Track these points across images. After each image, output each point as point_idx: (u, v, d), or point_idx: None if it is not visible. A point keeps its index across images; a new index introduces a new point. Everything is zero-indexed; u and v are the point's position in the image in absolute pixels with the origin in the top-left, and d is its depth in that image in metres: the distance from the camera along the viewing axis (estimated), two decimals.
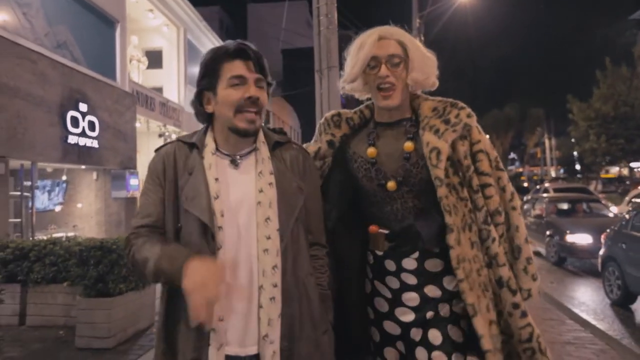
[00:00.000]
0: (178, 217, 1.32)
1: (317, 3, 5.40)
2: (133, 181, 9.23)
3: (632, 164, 26.64)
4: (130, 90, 9.73)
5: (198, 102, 1.38)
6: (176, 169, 1.34)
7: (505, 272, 1.43)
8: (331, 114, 1.65)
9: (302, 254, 1.40)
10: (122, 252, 4.33)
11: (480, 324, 1.36)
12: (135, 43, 11.55)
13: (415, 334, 1.44)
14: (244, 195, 1.34)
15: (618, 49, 23.85)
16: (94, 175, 9.03)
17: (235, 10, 38.14)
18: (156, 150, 1.42)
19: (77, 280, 4.33)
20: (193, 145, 1.37)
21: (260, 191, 1.34)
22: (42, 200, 7.65)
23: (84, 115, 7.64)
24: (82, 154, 7.71)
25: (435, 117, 1.48)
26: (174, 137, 12.32)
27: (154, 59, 12.87)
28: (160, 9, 11.81)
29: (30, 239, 6.13)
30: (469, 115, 1.48)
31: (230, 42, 1.36)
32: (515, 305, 1.42)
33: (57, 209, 8.38)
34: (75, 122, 7.42)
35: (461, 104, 1.52)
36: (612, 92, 20.52)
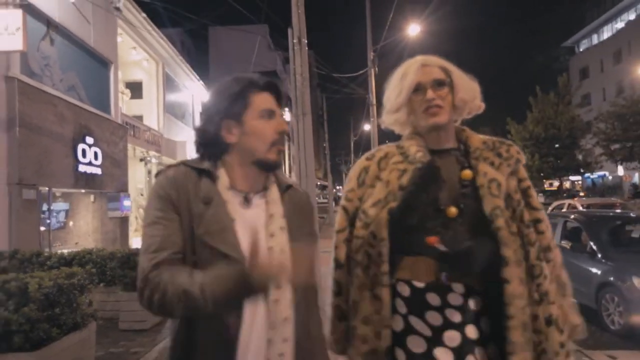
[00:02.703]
0: (192, 250, 1.19)
1: (293, 64, 7.03)
2: (126, 202, 10.48)
3: (572, 177, 29.71)
4: (121, 121, 11.02)
5: (215, 130, 1.26)
6: (188, 196, 1.22)
7: (555, 310, 1.40)
8: (385, 152, 1.57)
9: (316, 306, 1.33)
10: None
11: None
12: (120, 77, 12.82)
13: None
14: (253, 239, 1.23)
15: (553, 74, 26.79)
16: (92, 197, 10.22)
17: (197, 33, 39.18)
18: (157, 175, 1.29)
19: (118, 279, 5.68)
20: (204, 172, 1.25)
21: (272, 235, 1.26)
22: (52, 222, 8.82)
23: (90, 146, 8.93)
24: (88, 180, 8.98)
25: (487, 150, 1.48)
26: (154, 161, 13.62)
27: (135, 89, 14.14)
28: (142, 46, 13.17)
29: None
30: (518, 152, 1.50)
31: (254, 75, 1.31)
32: (562, 345, 1.40)
33: (60, 227, 9.54)
34: (84, 153, 8.71)
35: (509, 141, 1.54)
36: (542, 115, 23.29)
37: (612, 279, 5.46)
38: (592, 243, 5.96)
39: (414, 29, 16.96)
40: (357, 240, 1.47)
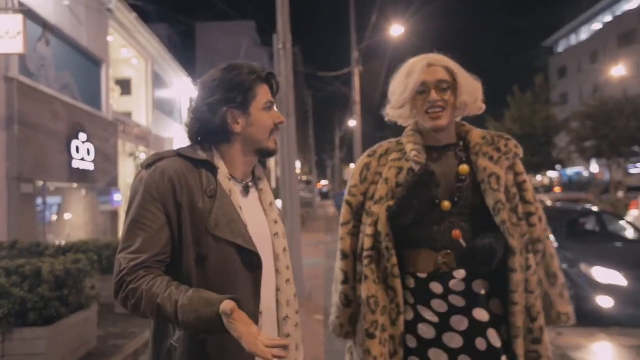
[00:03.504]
0: (198, 246, 1.17)
1: (278, 68, 7.52)
2: (117, 196, 10.87)
3: (550, 174, 30.72)
4: (112, 118, 11.40)
5: (220, 119, 1.25)
6: (190, 190, 1.19)
7: (531, 299, 1.46)
8: (385, 149, 1.63)
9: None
10: None
11: (520, 346, 1.41)
12: (110, 74, 13.15)
13: None
14: (261, 227, 1.30)
15: (533, 74, 27.53)
16: (83, 192, 10.60)
17: (183, 28, 39.12)
18: (148, 167, 1.22)
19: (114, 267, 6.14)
20: (205, 164, 1.24)
21: (275, 222, 1.33)
22: (46, 215, 9.21)
23: (83, 143, 9.32)
24: (81, 175, 9.38)
25: (487, 145, 1.51)
26: (142, 156, 14.01)
27: (124, 86, 14.45)
28: (132, 45, 13.50)
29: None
30: (516, 146, 1.52)
31: (254, 65, 1.32)
32: (530, 331, 1.46)
33: (53, 220, 9.91)
34: (77, 149, 9.09)
35: (507, 136, 1.56)
36: (520, 114, 24.10)
37: (565, 266, 6.09)
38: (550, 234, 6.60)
39: (396, 30, 17.47)
40: (367, 238, 1.51)
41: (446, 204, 1.47)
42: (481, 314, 1.44)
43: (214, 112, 1.27)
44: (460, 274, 1.45)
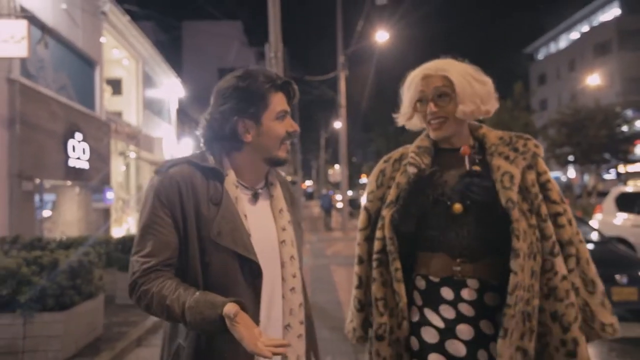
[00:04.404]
0: (203, 252, 1.20)
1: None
2: (109, 194, 11.18)
3: None
4: (105, 118, 11.70)
5: (230, 128, 1.26)
6: (197, 197, 1.21)
7: (561, 307, 1.39)
8: (400, 154, 1.64)
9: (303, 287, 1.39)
10: None
11: (504, 346, 1.33)
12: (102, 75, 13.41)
13: None
14: (267, 234, 1.30)
15: (514, 80, 28.29)
16: (77, 189, 10.88)
17: (170, 27, 39.08)
18: (159, 173, 1.25)
19: (114, 261, 6.52)
20: (213, 171, 1.26)
21: (284, 230, 1.33)
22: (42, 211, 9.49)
23: (79, 142, 9.63)
24: (77, 174, 9.69)
25: (503, 145, 1.48)
26: (132, 155, 14.30)
27: (114, 86, 14.71)
28: (124, 46, 13.78)
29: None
30: (536, 146, 1.48)
31: (268, 72, 1.31)
32: (564, 343, 1.39)
33: (47, 216, 10.18)
34: (73, 148, 9.40)
35: (527, 135, 1.52)
36: (499, 120, 24.88)
37: None
38: None
39: (381, 36, 18.02)
40: (377, 241, 1.53)
41: (457, 207, 1.44)
42: (487, 326, 1.41)
43: (225, 120, 1.27)
44: (474, 283, 1.42)
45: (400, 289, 1.48)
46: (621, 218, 8.34)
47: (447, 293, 1.45)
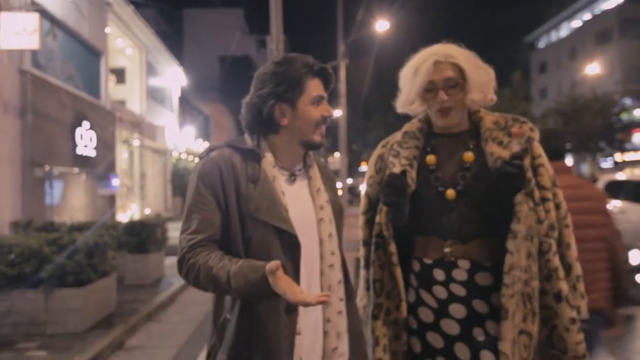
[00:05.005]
0: (243, 228, 1.27)
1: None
2: (115, 181, 11.54)
3: None
4: (110, 107, 12.01)
5: (268, 111, 1.32)
6: (236, 177, 1.29)
7: (564, 286, 1.43)
8: (397, 141, 1.62)
9: (344, 265, 1.42)
10: (154, 227, 7.01)
11: (507, 328, 1.35)
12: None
13: (460, 350, 1.42)
14: (305, 212, 1.36)
15: (515, 68, 28.32)
16: (84, 177, 11.23)
17: (171, 15, 38.96)
18: (202, 158, 1.35)
19: (123, 244, 6.89)
20: (251, 153, 1.34)
21: (322, 208, 1.38)
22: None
23: (86, 130, 9.97)
24: (84, 161, 10.05)
25: (498, 130, 1.48)
26: (136, 143, 14.63)
27: (118, 75, 14.99)
28: (128, 36, 14.04)
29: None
30: (531, 129, 1.49)
31: (306, 58, 1.36)
32: (573, 321, 1.41)
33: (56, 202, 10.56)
34: (81, 136, 9.74)
35: (523, 119, 1.52)
36: (497, 109, 25.04)
37: None
38: None
39: (381, 25, 18.16)
40: (376, 225, 1.56)
41: (450, 193, 1.47)
42: (480, 306, 1.43)
43: (263, 104, 1.33)
44: (465, 264, 1.45)
45: (396, 271, 1.51)
46: (610, 205, 8.70)
47: (439, 274, 1.48)
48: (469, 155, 1.49)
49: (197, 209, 1.28)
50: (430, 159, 1.53)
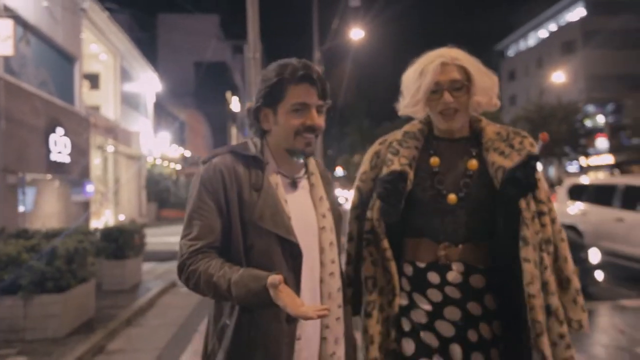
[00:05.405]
0: (245, 235, 1.26)
1: (248, 75, 8.39)
2: (89, 187, 11.43)
3: None
4: (84, 113, 11.91)
5: (254, 116, 1.35)
6: (239, 183, 1.28)
7: (554, 301, 1.41)
8: (397, 140, 1.61)
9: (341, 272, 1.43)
10: (132, 233, 7.03)
11: (546, 345, 1.34)
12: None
13: (454, 351, 1.43)
14: (307, 220, 1.35)
15: None
16: (57, 183, 11.10)
17: (145, 21, 38.51)
18: (204, 162, 1.33)
19: (101, 249, 6.88)
20: (254, 160, 1.32)
21: (323, 216, 1.37)
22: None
23: (60, 137, 9.88)
24: (58, 167, 9.95)
25: (500, 141, 1.50)
26: (110, 149, 14.50)
27: (92, 81, 14.85)
28: (102, 41, 13.94)
29: None
30: (531, 145, 1.50)
31: (296, 64, 1.32)
32: (562, 336, 1.40)
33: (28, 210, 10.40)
34: (55, 143, 9.66)
35: (524, 132, 1.54)
36: None
37: None
38: None
39: (356, 33, 18.50)
40: (367, 221, 1.55)
41: (452, 197, 1.47)
42: (475, 308, 1.45)
43: (253, 111, 1.36)
44: (459, 267, 1.46)
45: (391, 266, 1.51)
46: (572, 207, 9.11)
47: (433, 277, 1.48)
48: (473, 163, 1.50)
49: (199, 215, 1.27)
50: (434, 161, 1.53)
